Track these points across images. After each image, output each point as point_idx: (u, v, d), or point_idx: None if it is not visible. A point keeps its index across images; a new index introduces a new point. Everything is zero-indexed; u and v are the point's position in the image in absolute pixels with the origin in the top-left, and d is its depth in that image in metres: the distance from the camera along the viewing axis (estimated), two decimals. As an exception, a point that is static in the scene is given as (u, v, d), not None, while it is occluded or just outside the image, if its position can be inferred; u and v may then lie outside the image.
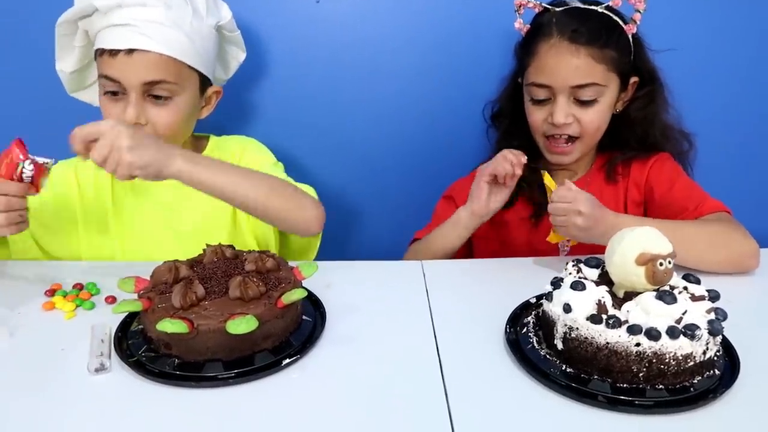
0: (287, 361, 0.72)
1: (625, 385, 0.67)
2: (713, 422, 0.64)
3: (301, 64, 1.30)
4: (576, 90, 1.02)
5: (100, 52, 1.01)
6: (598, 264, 0.78)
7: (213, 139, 1.22)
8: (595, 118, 1.05)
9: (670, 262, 0.69)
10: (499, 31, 1.26)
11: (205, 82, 1.09)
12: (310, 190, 1.11)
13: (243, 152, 1.18)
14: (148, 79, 1.00)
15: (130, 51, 0.98)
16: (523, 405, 0.67)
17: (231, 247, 0.85)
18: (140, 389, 0.69)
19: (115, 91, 1.02)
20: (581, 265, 0.78)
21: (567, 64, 1.01)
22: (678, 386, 0.67)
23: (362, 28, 1.29)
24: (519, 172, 1.02)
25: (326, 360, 0.75)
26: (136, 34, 0.98)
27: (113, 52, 0.99)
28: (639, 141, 1.12)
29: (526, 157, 1.03)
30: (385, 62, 1.31)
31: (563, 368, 0.70)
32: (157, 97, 1.02)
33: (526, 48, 1.07)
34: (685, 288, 0.71)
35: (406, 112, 1.35)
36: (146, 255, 0.91)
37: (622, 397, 0.66)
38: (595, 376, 0.68)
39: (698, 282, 0.73)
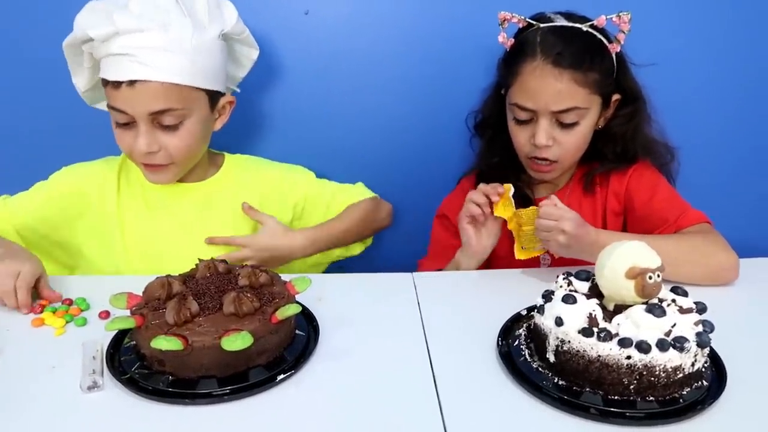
0: (282, 376, 0.72)
1: (616, 397, 0.68)
2: (702, 432, 0.65)
3: (288, 75, 1.30)
4: (558, 113, 1.02)
5: (104, 83, 0.99)
6: (588, 277, 0.79)
7: (228, 158, 1.21)
8: (575, 141, 1.06)
9: (659, 276, 0.70)
10: (486, 41, 1.27)
11: (215, 95, 1.07)
12: (363, 189, 1.26)
13: (285, 174, 1.21)
14: (153, 109, 0.98)
15: (132, 82, 0.96)
16: (516, 417, 0.68)
17: (224, 261, 0.85)
18: (134, 407, 0.69)
19: (126, 122, 1.00)
20: (571, 278, 0.79)
21: (549, 88, 1.00)
22: (668, 398, 0.68)
23: (351, 40, 1.29)
24: (495, 199, 1.01)
25: (320, 374, 0.75)
26: (135, 63, 0.95)
27: (116, 84, 0.97)
28: (618, 155, 1.12)
29: (497, 189, 1.01)
30: (372, 73, 1.31)
31: (555, 381, 0.71)
32: (167, 125, 1.01)
33: (510, 66, 1.06)
34: (674, 301, 0.72)
35: (393, 122, 1.36)
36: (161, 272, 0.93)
37: (614, 409, 0.67)
38: (587, 389, 0.69)
39: (686, 294, 0.74)
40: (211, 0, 1.03)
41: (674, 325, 0.68)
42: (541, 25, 1.04)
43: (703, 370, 0.71)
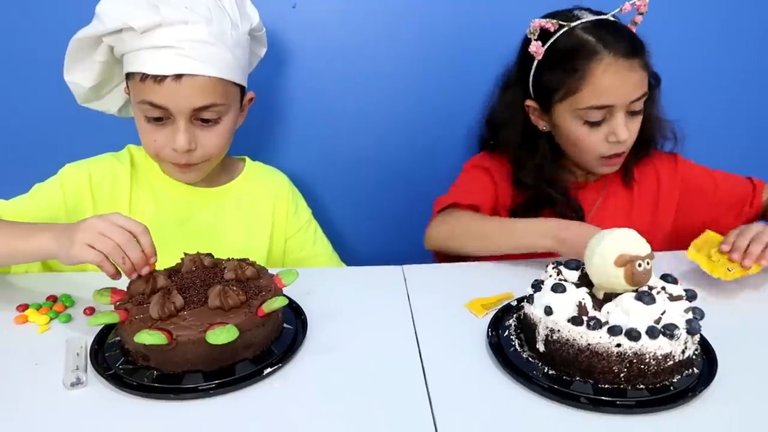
0: (269, 370, 0.71)
1: (606, 386, 0.67)
2: (693, 420, 0.65)
3: (275, 70, 1.29)
4: (632, 103, 1.01)
5: (141, 77, 0.94)
6: (578, 266, 0.78)
7: (249, 164, 1.18)
8: (638, 127, 1.04)
9: (648, 263, 0.70)
10: (483, 33, 1.27)
11: (243, 91, 1.06)
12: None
13: (298, 199, 1.20)
14: (198, 105, 0.95)
15: (179, 76, 0.92)
16: (506, 408, 0.67)
17: (209, 255, 0.84)
18: (118, 403, 0.68)
19: (160, 117, 0.97)
20: (561, 267, 0.78)
21: (627, 81, 0.99)
22: (658, 385, 0.67)
23: (340, 34, 1.28)
24: None
25: (308, 368, 0.74)
26: (182, 57, 0.92)
27: (159, 78, 0.93)
28: (643, 139, 1.09)
29: None
30: (363, 68, 1.30)
31: (545, 370, 0.71)
32: (206, 120, 0.98)
33: (570, 72, 1.00)
34: (663, 288, 0.72)
35: (382, 117, 1.34)
36: None
37: (604, 398, 0.66)
38: (577, 378, 0.69)
39: (676, 282, 0.74)
40: None
41: (664, 312, 0.68)
42: (577, 24, 1.00)
43: (694, 357, 0.71)
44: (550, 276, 0.77)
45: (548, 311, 0.70)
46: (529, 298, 0.75)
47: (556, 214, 1.08)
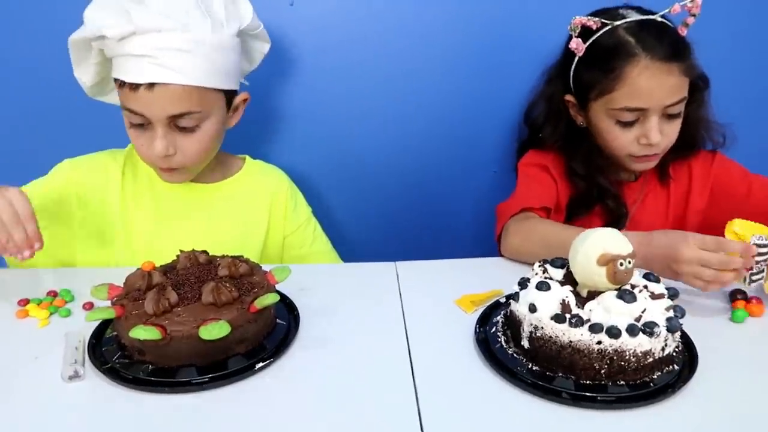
0: (261, 365, 0.74)
1: (588, 382, 0.69)
2: (672, 415, 0.66)
3: (272, 68, 1.30)
4: (667, 107, 1.01)
5: (120, 83, 0.96)
6: (563, 264, 0.80)
7: (249, 163, 1.19)
8: (677, 130, 1.04)
9: (630, 262, 0.71)
10: (483, 35, 1.27)
11: (231, 94, 1.05)
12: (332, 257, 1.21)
13: (297, 196, 1.21)
14: (172, 113, 0.96)
15: (151, 85, 0.93)
16: (491, 402, 0.69)
17: (204, 252, 0.86)
18: (114, 396, 0.70)
19: (141, 123, 0.98)
20: (547, 266, 0.80)
21: (662, 85, 0.98)
22: (638, 382, 0.69)
23: (338, 30, 1.29)
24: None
25: (300, 363, 0.76)
26: (154, 66, 0.92)
27: (133, 86, 0.94)
28: (685, 141, 1.10)
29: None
30: (362, 66, 1.31)
31: (529, 366, 0.73)
32: (184, 127, 0.99)
33: (606, 72, 1.00)
34: (645, 287, 0.73)
35: (384, 115, 1.35)
36: None
37: (585, 394, 0.68)
38: (560, 374, 0.70)
39: (658, 281, 0.75)
40: None
41: (644, 310, 0.69)
42: (621, 23, 1.00)
43: (674, 354, 0.72)
44: (536, 274, 0.79)
45: (532, 308, 0.72)
46: (515, 296, 0.76)
47: (607, 210, 1.10)
